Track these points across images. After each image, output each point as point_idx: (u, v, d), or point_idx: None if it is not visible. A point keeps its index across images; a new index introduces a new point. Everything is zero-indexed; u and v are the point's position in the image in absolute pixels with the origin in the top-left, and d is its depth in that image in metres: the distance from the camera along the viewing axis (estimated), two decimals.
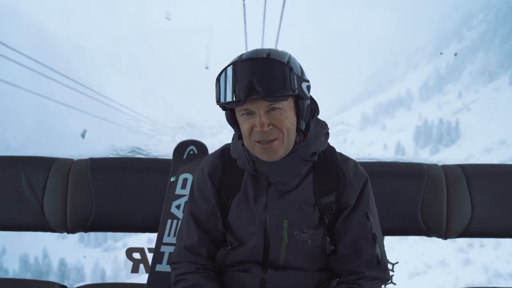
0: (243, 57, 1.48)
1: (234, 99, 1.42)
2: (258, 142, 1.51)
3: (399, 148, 37.31)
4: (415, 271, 16.47)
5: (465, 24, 55.80)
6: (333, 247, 1.66)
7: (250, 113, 1.48)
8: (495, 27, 42.06)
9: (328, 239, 1.65)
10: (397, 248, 17.53)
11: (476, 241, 17.12)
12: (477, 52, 46.27)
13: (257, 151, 1.54)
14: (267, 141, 1.49)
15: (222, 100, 1.47)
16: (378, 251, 1.62)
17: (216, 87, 1.49)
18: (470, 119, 32.61)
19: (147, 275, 2.24)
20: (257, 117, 1.45)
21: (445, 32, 62.51)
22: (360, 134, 49.15)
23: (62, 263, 19.06)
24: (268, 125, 1.46)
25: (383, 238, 1.84)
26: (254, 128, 1.48)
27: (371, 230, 1.62)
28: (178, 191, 2.36)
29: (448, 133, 33.74)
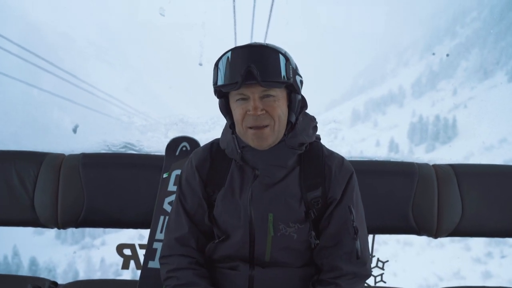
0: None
1: (231, 82, 1.48)
2: (250, 128, 1.58)
3: (393, 145, 36.76)
4: (425, 284, 14.75)
5: (458, 21, 55.94)
6: (318, 242, 1.70)
7: (245, 99, 1.55)
8: (490, 24, 41.96)
9: (313, 233, 1.70)
10: (402, 256, 16.68)
11: (495, 250, 15.89)
12: (471, 49, 46.33)
13: (249, 137, 1.61)
14: (259, 126, 1.56)
15: (219, 83, 1.54)
16: (358, 245, 1.65)
17: (214, 71, 1.58)
18: (468, 116, 32.20)
19: (130, 272, 2.33)
20: (251, 101, 1.53)
21: (437, 29, 62.80)
22: (351, 130, 48.92)
23: (33, 262, 18.04)
24: (261, 109, 1.54)
25: (366, 234, 1.82)
26: (247, 112, 1.55)
27: (352, 224, 1.66)
28: (171, 187, 2.41)
29: (445, 131, 33.20)
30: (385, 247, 16.28)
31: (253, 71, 1.47)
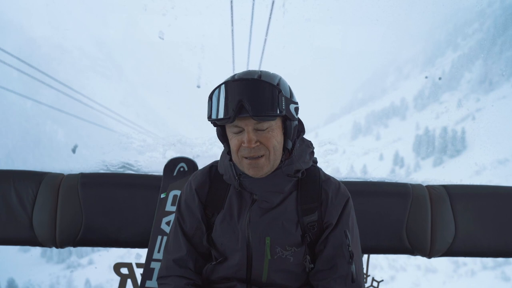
0: (236, 77, 1.58)
1: (224, 116, 1.52)
2: (246, 158, 1.58)
3: (398, 159, 36.05)
4: None
5: (459, 33, 56.08)
6: (312, 266, 1.70)
7: (239, 130, 1.56)
8: (493, 35, 41.72)
9: (308, 257, 1.69)
10: (424, 285, 14.98)
11: None
12: (475, 60, 46.12)
13: (245, 167, 1.61)
14: (254, 157, 1.57)
15: (213, 116, 1.56)
16: (353, 269, 1.65)
17: (208, 104, 1.60)
18: (477, 128, 31.45)
19: None
20: (246, 134, 1.54)
21: (438, 42, 63.04)
22: (352, 144, 48.55)
23: (11, 285, 16.65)
24: (256, 142, 1.54)
25: (361, 258, 1.80)
26: (242, 144, 1.56)
27: (348, 248, 1.66)
28: (168, 207, 2.43)
29: (454, 143, 32.46)
30: (403, 274, 15.32)
31: (245, 106, 1.47)
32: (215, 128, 1.69)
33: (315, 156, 1.85)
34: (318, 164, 1.87)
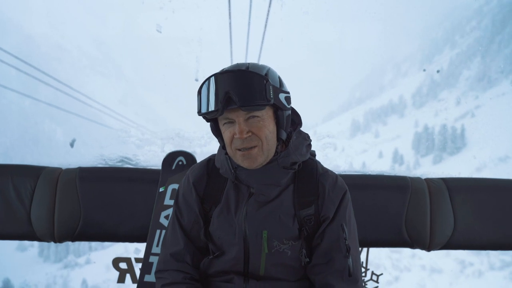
0: (223, 70, 1.59)
1: (212, 109, 1.53)
2: (239, 149, 1.59)
3: (397, 157, 36.05)
4: None
5: (456, 31, 56.10)
6: (308, 260, 1.68)
7: (231, 122, 1.57)
8: (491, 33, 41.78)
9: (304, 251, 1.68)
10: (429, 286, 14.48)
11: None
12: (473, 58, 46.15)
13: (238, 158, 1.61)
14: (247, 148, 1.57)
15: (203, 110, 1.58)
16: (350, 263, 1.64)
17: (197, 99, 1.62)
18: (477, 125, 31.28)
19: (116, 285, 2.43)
20: (237, 125, 1.55)
21: (435, 40, 63.03)
22: (351, 142, 48.54)
23: (6, 285, 16.44)
24: (247, 132, 1.55)
25: (359, 251, 1.83)
26: (234, 135, 1.56)
27: (345, 242, 1.66)
28: (167, 201, 2.44)
29: (453, 141, 32.39)
30: (408, 274, 14.95)
31: (232, 97, 1.48)
32: (209, 123, 1.71)
33: (313, 149, 1.83)
34: (317, 158, 1.85)
